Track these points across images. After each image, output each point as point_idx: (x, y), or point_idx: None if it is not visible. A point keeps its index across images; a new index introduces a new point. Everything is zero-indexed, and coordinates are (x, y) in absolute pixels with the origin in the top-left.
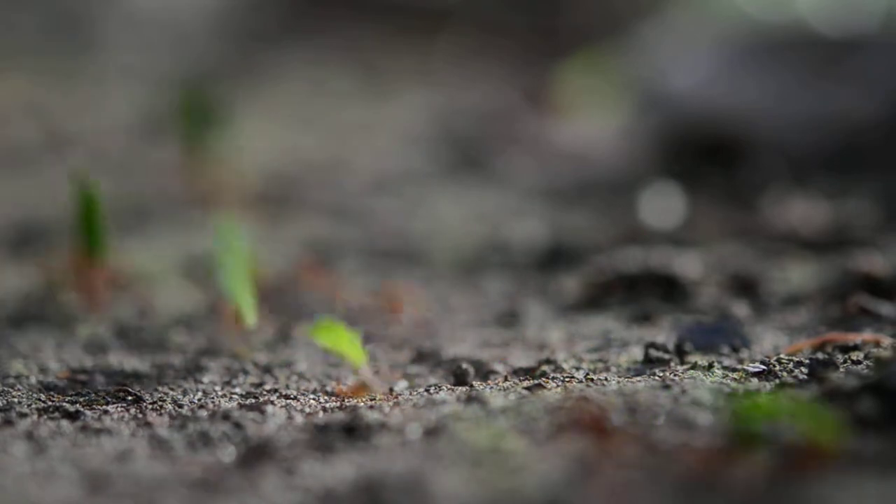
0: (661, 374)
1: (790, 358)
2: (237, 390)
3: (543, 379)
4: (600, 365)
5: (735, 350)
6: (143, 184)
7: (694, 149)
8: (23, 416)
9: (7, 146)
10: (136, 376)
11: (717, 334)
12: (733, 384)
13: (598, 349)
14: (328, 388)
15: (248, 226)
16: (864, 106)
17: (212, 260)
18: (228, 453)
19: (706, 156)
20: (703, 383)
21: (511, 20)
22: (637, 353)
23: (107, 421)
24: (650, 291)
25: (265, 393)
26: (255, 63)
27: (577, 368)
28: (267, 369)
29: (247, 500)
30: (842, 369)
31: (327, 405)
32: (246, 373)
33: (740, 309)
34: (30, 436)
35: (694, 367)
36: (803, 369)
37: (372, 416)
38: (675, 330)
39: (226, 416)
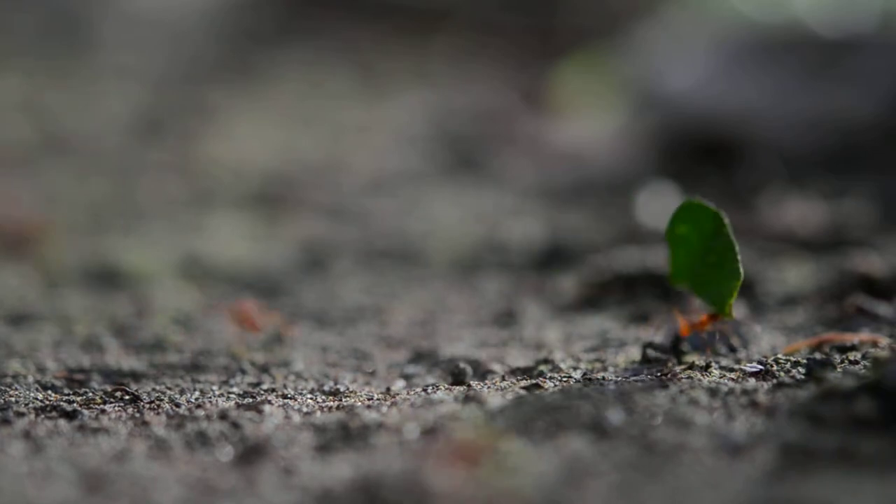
0: (659, 374)
1: (787, 358)
2: (234, 390)
3: (541, 379)
4: (598, 365)
5: (732, 350)
6: (141, 184)
7: (691, 149)
8: (20, 415)
9: (5, 146)
10: (134, 376)
11: (715, 334)
12: (731, 384)
13: (596, 349)
14: (325, 388)
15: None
16: (862, 106)
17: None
18: (226, 453)
19: (703, 156)
20: (701, 383)
21: (508, 20)
22: (635, 353)
23: (104, 420)
24: (648, 291)
25: (262, 392)
26: (252, 63)
27: (575, 368)
28: (264, 369)
29: (244, 499)
30: (839, 369)
31: (325, 405)
32: (243, 372)
33: (738, 309)
34: (27, 435)
35: (691, 367)
36: (801, 369)
37: (369, 416)
38: (672, 330)
39: (223, 416)
